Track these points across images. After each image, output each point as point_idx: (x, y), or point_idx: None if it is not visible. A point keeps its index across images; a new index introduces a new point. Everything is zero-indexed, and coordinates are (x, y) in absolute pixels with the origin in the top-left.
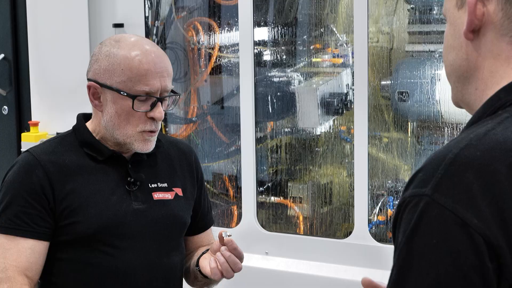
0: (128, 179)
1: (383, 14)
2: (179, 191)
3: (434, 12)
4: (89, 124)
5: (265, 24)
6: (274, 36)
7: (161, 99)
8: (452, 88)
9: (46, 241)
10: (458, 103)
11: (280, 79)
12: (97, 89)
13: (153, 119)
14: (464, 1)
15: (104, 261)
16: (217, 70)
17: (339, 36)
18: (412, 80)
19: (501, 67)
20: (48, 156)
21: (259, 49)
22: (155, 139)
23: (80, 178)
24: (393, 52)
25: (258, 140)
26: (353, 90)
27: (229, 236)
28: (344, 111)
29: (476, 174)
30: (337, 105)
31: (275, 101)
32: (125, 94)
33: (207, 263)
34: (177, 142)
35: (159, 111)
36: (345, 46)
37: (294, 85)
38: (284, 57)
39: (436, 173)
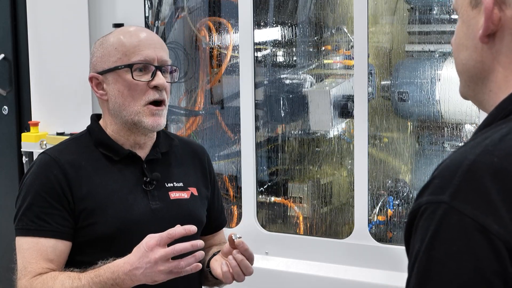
0: (144, 178)
1: (383, 14)
2: (194, 190)
3: (434, 12)
4: (101, 124)
5: (275, 25)
6: (286, 37)
7: (159, 68)
8: (462, 84)
9: (68, 241)
10: (466, 97)
11: (292, 81)
12: (98, 78)
13: (156, 88)
14: (478, 1)
15: None
16: (229, 70)
17: (350, 37)
18: (412, 80)
19: None
20: (65, 157)
21: (272, 50)
22: (165, 115)
23: (97, 179)
24: (393, 52)
25: (264, 143)
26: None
27: (239, 238)
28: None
29: (494, 180)
30: (350, 108)
31: (286, 103)
32: (123, 66)
33: (218, 266)
34: (190, 143)
35: (160, 78)
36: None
37: (305, 87)
38: (295, 58)
39: (454, 180)
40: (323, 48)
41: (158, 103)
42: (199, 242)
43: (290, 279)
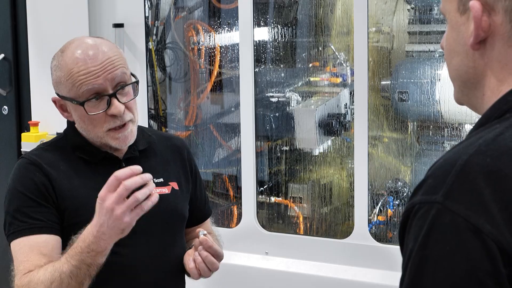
0: None
1: (383, 14)
2: (175, 185)
3: (434, 12)
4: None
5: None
6: (272, 54)
7: (113, 94)
8: (456, 90)
9: (59, 236)
10: (461, 102)
11: (278, 99)
12: (60, 101)
13: (114, 115)
14: (466, 7)
15: (108, 259)
16: (218, 85)
17: (337, 54)
18: (412, 80)
19: (509, 76)
20: (44, 160)
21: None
22: (131, 131)
23: (77, 182)
24: (393, 52)
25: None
26: (352, 110)
27: (204, 235)
28: (343, 132)
29: (487, 181)
30: (335, 126)
31: (272, 121)
32: (75, 102)
33: (188, 261)
34: (170, 137)
35: (115, 107)
36: (344, 65)
37: (292, 105)
38: (282, 75)
39: (447, 180)
40: (310, 65)
41: (119, 126)
42: (147, 174)
43: (290, 279)
